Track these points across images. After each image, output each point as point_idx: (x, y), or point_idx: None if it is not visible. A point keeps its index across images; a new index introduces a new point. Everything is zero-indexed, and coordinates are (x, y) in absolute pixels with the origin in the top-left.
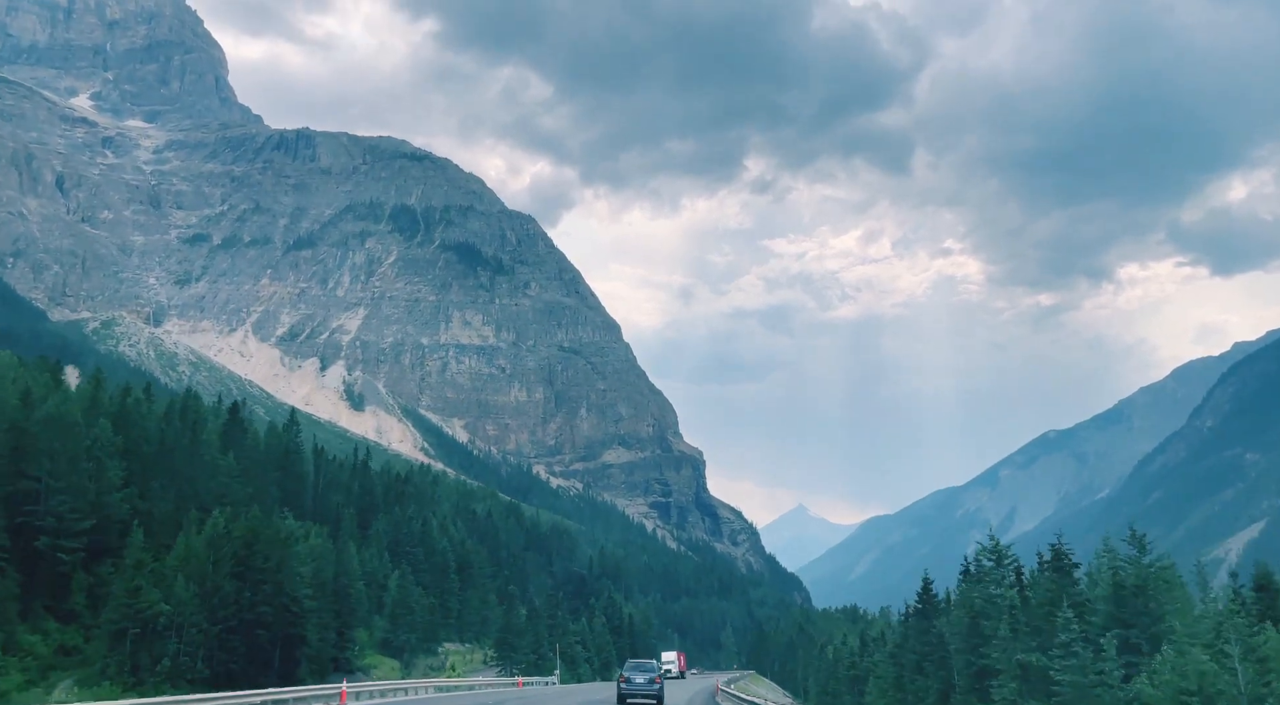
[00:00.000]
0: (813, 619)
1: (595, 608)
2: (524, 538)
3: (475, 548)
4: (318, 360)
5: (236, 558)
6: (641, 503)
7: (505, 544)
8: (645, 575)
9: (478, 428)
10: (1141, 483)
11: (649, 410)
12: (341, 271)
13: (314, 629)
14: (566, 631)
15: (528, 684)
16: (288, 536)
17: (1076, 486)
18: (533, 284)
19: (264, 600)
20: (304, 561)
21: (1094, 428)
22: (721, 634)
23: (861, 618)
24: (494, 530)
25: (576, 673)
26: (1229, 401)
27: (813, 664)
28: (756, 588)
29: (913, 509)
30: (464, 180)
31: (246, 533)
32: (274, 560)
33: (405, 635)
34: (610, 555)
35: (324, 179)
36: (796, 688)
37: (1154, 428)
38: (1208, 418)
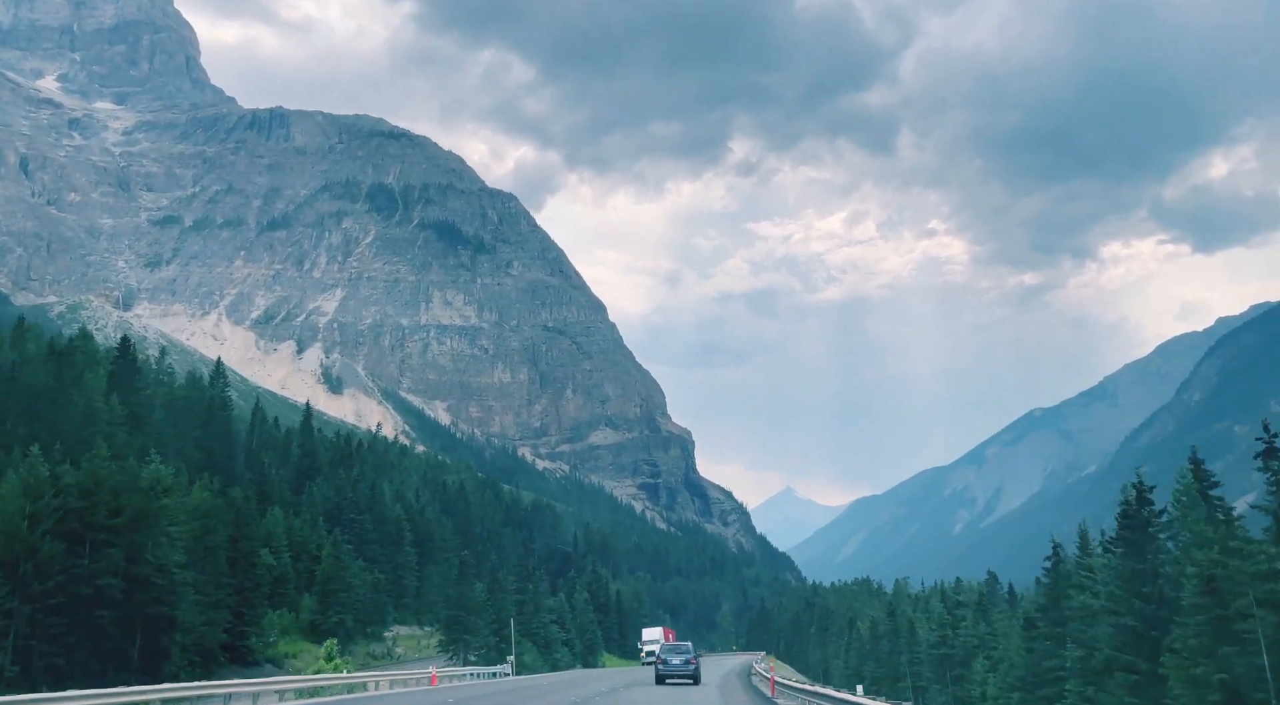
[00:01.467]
0: (821, 594)
1: (577, 583)
2: (503, 514)
3: (441, 521)
4: (294, 343)
5: (68, 512)
6: (630, 484)
7: (480, 520)
8: (635, 556)
9: (460, 410)
10: (1130, 457)
11: (636, 390)
12: (318, 252)
13: (192, 609)
14: (540, 609)
15: (456, 678)
16: (153, 486)
17: (1063, 464)
18: (515, 263)
19: (110, 569)
20: (180, 520)
21: (1079, 405)
22: (716, 614)
23: (878, 590)
24: (465, 504)
25: (551, 658)
26: (1216, 375)
27: (834, 642)
28: (749, 567)
29: (900, 489)
30: (443, 158)
31: (87, 480)
32: (127, 516)
33: (339, 616)
34: (597, 532)
35: (299, 159)
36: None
37: (1139, 404)
38: (1195, 391)
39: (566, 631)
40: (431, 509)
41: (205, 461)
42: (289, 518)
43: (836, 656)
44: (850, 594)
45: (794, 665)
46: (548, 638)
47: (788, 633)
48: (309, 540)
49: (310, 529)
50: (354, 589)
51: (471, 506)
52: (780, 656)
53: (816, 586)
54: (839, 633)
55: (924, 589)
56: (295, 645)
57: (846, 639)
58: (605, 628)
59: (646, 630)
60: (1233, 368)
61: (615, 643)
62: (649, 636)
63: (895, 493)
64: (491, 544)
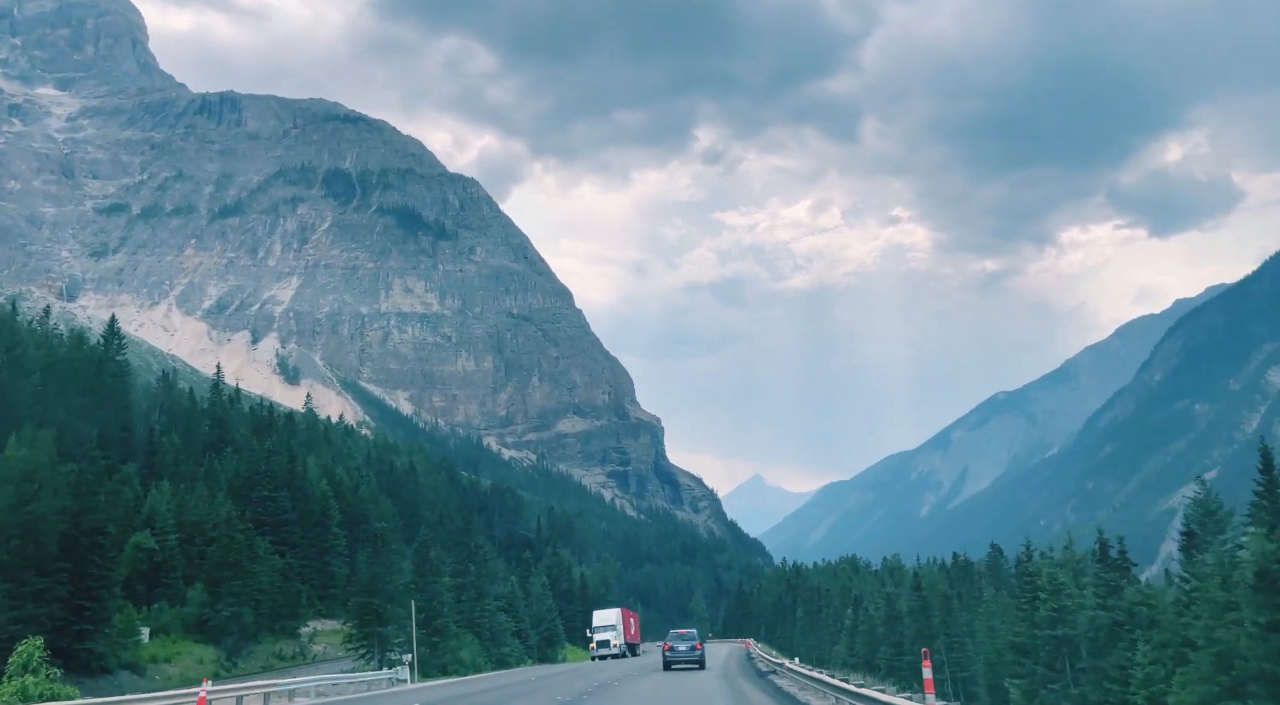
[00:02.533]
0: (804, 575)
1: (531, 564)
2: (458, 498)
3: (381, 502)
4: (248, 333)
5: None
6: (599, 472)
7: (433, 504)
8: (604, 543)
9: (423, 400)
10: (1092, 438)
11: (604, 377)
12: (272, 239)
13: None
14: (483, 596)
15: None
16: None
17: (1027, 446)
18: (478, 249)
19: None
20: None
21: (1042, 388)
22: (690, 601)
23: (865, 569)
24: (415, 487)
25: (499, 653)
26: (1177, 355)
27: (827, 625)
28: (722, 553)
29: (867, 474)
30: (402, 143)
31: None
32: None
33: (233, 609)
34: (561, 515)
35: (251, 144)
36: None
37: (1100, 385)
38: (1156, 371)
39: (519, 621)
40: (367, 487)
41: (100, 436)
42: (180, 493)
43: (834, 641)
44: (840, 573)
45: (780, 651)
46: (494, 629)
47: (769, 617)
48: (205, 520)
49: (208, 507)
50: (256, 577)
51: (423, 489)
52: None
53: (799, 566)
54: (834, 615)
55: (920, 565)
56: (173, 647)
57: (850, 620)
58: (567, 616)
59: (599, 612)
60: (1192, 348)
61: (579, 633)
62: (602, 621)
63: (863, 477)
64: (444, 529)
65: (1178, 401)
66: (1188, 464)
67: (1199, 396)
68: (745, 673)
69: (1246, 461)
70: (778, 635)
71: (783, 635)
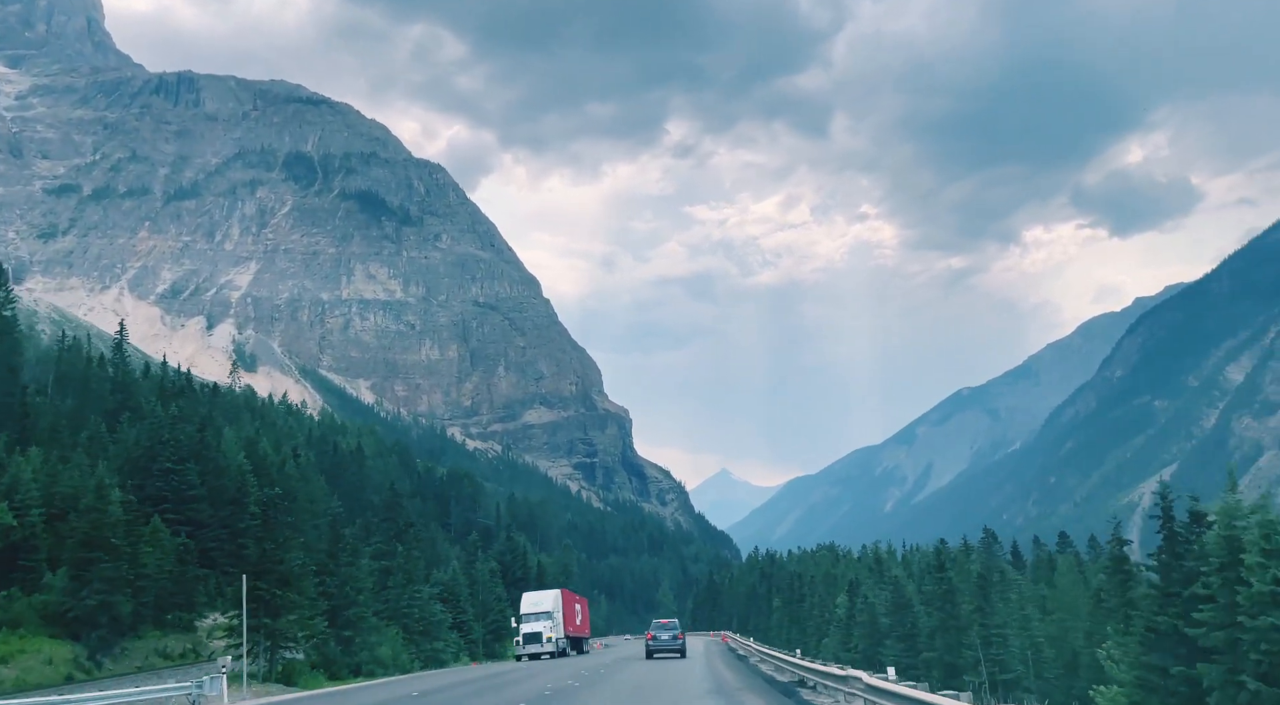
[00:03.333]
0: (779, 563)
1: (479, 548)
2: (411, 483)
3: (314, 481)
4: (203, 319)
5: None
6: (565, 464)
7: (380, 488)
8: (569, 533)
9: (385, 389)
10: (1054, 433)
11: (572, 368)
12: (230, 223)
13: None
14: (412, 581)
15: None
16: None
17: (990, 441)
18: (444, 236)
19: None
20: None
21: (1005, 384)
22: (657, 592)
23: (846, 557)
24: (361, 469)
25: (428, 649)
26: (1137, 352)
27: (812, 617)
28: (689, 545)
29: (833, 468)
30: (366, 127)
31: None
32: None
33: (102, 597)
34: (523, 503)
35: (209, 125)
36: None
37: (1062, 382)
38: (1117, 368)
39: (460, 611)
40: (299, 465)
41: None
42: (52, 463)
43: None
44: (819, 560)
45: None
46: (427, 621)
47: (741, 608)
48: (81, 493)
49: (86, 478)
50: (138, 559)
51: (370, 473)
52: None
53: (773, 555)
54: (819, 604)
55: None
56: (17, 643)
57: (845, 609)
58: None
59: (530, 595)
60: (1152, 345)
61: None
62: (532, 605)
63: (828, 472)
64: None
65: (1138, 397)
66: (1148, 459)
67: (1159, 393)
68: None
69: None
70: (751, 627)
71: (756, 627)
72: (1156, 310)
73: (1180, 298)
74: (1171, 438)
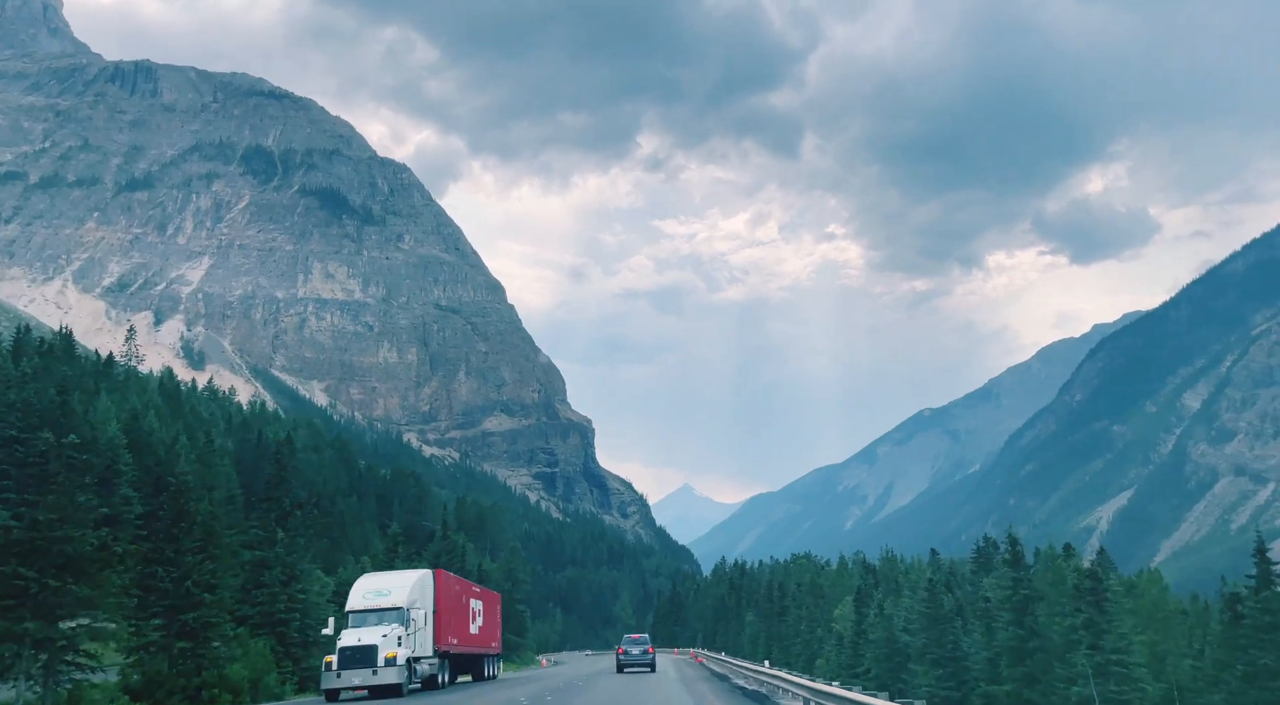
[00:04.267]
0: (751, 575)
1: (397, 543)
2: (349, 481)
3: (221, 468)
4: (151, 314)
5: None
6: (525, 473)
7: (311, 484)
8: (526, 543)
9: (340, 391)
10: (1013, 456)
11: (534, 375)
12: (183, 216)
13: None
14: (294, 579)
15: None
16: None
17: (950, 462)
18: (407, 236)
19: None
20: None
21: (965, 406)
22: (615, 606)
23: (825, 568)
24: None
25: (312, 667)
26: (1097, 376)
27: (801, 633)
28: (650, 558)
29: (795, 486)
30: (330, 123)
31: None
32: None
33: None
34: (473, 507)
35: (166, 116)
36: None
37: (1021, 405)
38: (1076, 392)
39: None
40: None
41: None
42: None
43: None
44: (796, 570)
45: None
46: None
47: (707, 622)
48: None
49: None
50: None
51: (300, 467)
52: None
53: (742, 565)
54: (804, 618)
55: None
56: None
57: (854, 626)
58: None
59: (368, 579)
60: (1111, 370)
61: (522, 643)
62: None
63: (790, 490)
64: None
65: (1096, 422)
66: (1106, 483)
67: (1117, 418)
68: None
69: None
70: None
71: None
72: (1116, 336)
73: (1139, 324)
74: (1129, 462)
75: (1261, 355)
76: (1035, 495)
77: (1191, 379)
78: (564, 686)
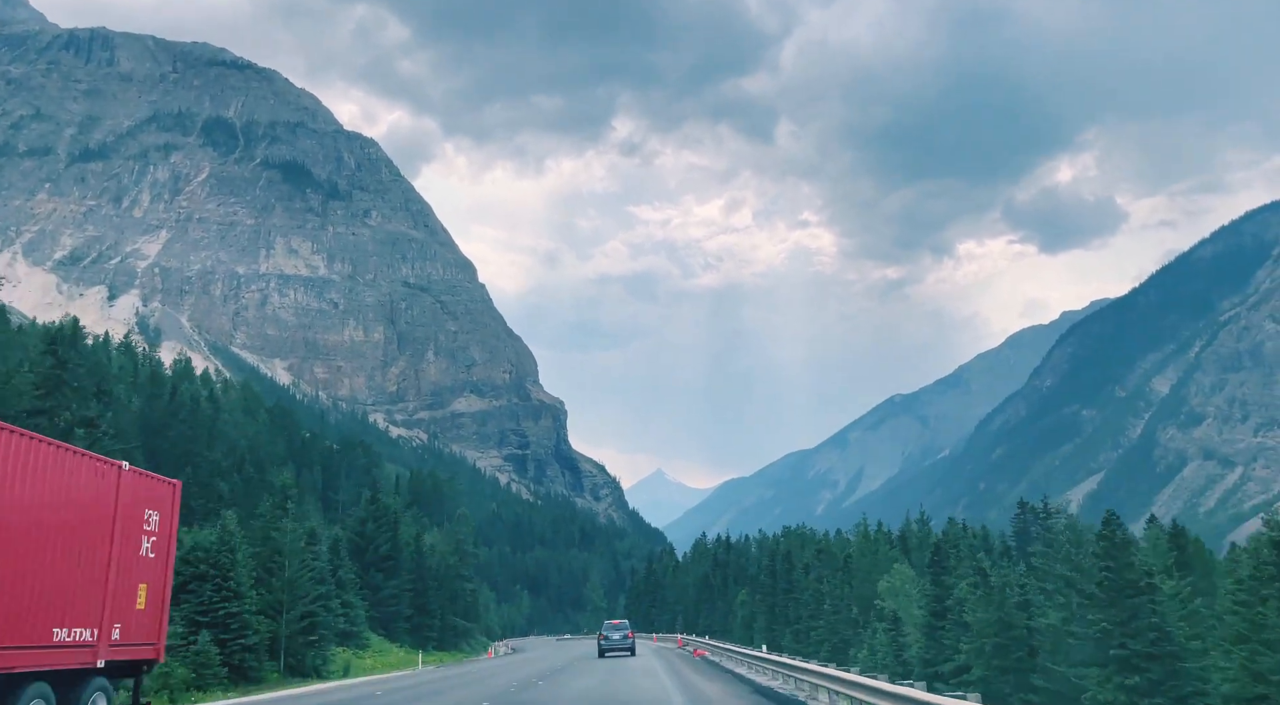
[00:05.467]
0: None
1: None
2: (285, 448)
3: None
4: (105, 288)
5: None
6: (495, 455)
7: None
8: (493, 524)
9: (303, 370)
10: (983, 441)
11: (505, 356)
12: (140, 189)
13: None
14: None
15: None
16: None
17: (920, 447)
18: (374, 212)
19: None
20: None
21: (935, 392)
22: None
23: (839, 539)
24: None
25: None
26: (1066, 362)
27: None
28: (622, 540)
29: (767, 471)
30: (294, 95)
31: None
32: None
33: None
34: (427, 479)
35: (123, 86)
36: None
37: (990, 391)
38: (1046, 377)
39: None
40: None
41: None
42: None
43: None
44: (797, 543)
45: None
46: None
47: (688, 604)
48: None
49: None
50: None
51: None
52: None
53: (727, 540)
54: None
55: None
56: None
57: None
58: (391, 603)
59: None
60: (1081, 356)
61: (420, 624)
62: None
63: (762, 474)
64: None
65: (1067, 407)
66: (1075, 466)
67: (1087, 402)
68: None
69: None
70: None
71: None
72: (1085, 322)
73: (1109, 310)
74: (1099, 447)
75: (1230, 340)
76: (1005, 479)
77: (1160, 364)
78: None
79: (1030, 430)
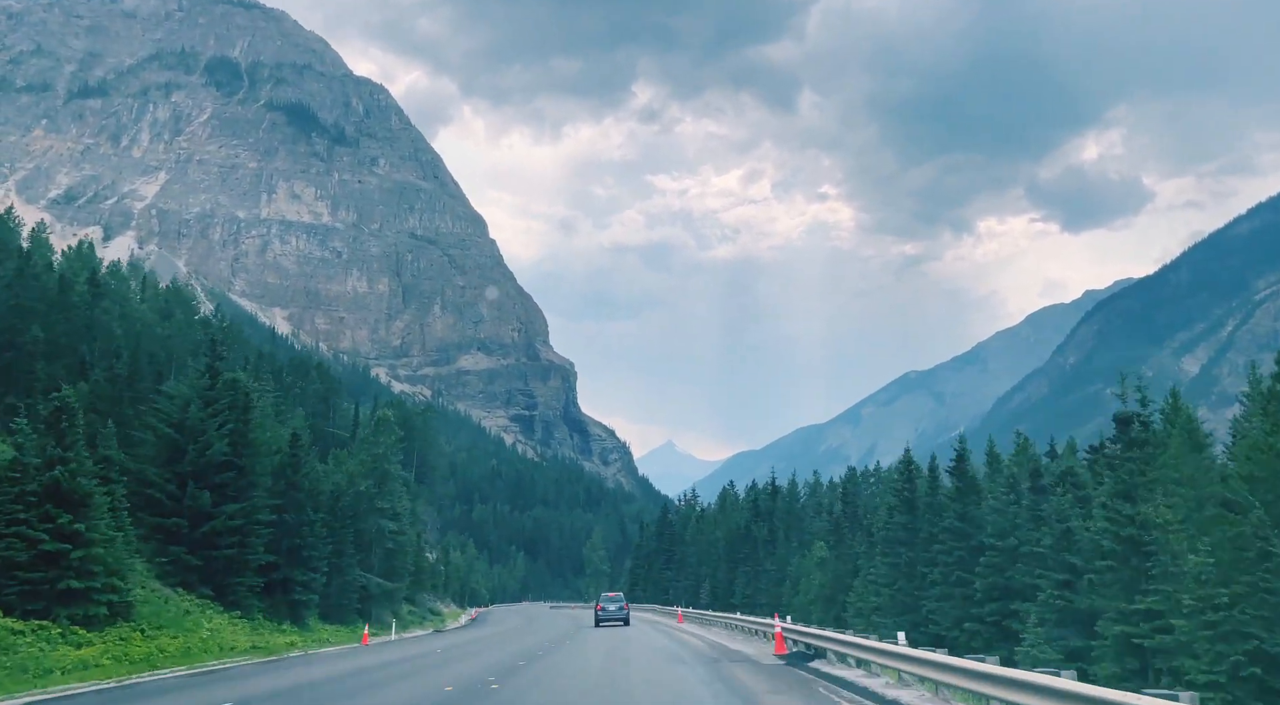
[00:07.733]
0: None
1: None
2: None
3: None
4: (100, 229)
5: None
6: (502, 415)
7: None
8: (492, 482)
9: (304, 320)
10: (1001, 418)
11: (515, 313)
12: (139, 128)
13: None
14: None
15: None
16: None
17: (934, 423)
18: (381, 160)
19: None
20: None
21: (952, 369)
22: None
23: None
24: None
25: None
26: (1091, 339)
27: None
28: (630, 504)
29: (778, 445)
30: (303, 37)
31: None
32: None
33: None
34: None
35: (127, 23)
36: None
37: (1008, 369)
38: (1070, 355)
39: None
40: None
41: None
42: None
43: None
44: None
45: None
46: None
47: (717, 568)
48: None
49: None
50: None
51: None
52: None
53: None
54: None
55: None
56: None
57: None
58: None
59: None
60: (1107, 333)
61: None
62: None
63: (773, 448)
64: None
65: (1090, 385)
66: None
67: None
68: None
69: None
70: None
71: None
72: (1112, 299)
73: (1136, 288)
74: None
75: (1267, 319)
76: None
77: (1190, 343)
78: None
79: (1051, 409)
